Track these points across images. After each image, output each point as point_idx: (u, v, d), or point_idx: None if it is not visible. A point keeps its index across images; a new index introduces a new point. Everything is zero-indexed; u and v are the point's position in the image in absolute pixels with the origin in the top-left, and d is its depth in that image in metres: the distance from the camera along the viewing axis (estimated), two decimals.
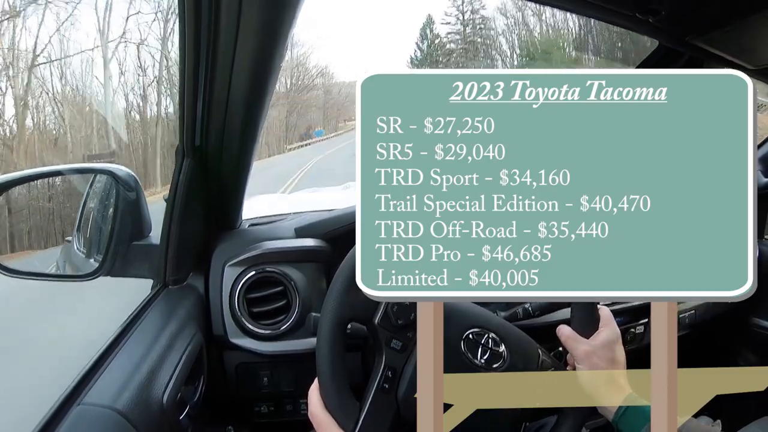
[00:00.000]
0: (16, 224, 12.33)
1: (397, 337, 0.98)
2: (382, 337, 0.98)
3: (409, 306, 0.98)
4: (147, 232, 1.29)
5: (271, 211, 1.70)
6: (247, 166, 1.23)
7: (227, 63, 0.93)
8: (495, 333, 1.02)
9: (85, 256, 1.38)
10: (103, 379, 0.90)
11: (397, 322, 0.98)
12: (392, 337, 0.98)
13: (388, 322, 0.98)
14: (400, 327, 0.98)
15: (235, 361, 1.31)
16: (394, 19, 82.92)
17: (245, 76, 0.97)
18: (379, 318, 0.98)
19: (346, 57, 79.75)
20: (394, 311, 0.98)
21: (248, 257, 1.30)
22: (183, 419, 1.00)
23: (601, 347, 0.96)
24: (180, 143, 1.11)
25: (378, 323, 0.98)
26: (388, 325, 0.98)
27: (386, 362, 0.97)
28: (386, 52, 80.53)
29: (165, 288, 1.24)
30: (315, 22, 49.60)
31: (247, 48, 0.91)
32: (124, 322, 1.08)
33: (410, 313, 0.98)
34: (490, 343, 1.01)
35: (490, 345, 1.01)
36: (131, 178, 1.25)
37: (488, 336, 1.02)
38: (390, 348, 0.98)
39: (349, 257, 0.97)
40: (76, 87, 23.96)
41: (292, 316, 1.28)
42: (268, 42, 0.91)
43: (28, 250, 11.60)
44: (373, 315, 0.98)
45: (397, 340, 0.98)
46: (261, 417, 1.37)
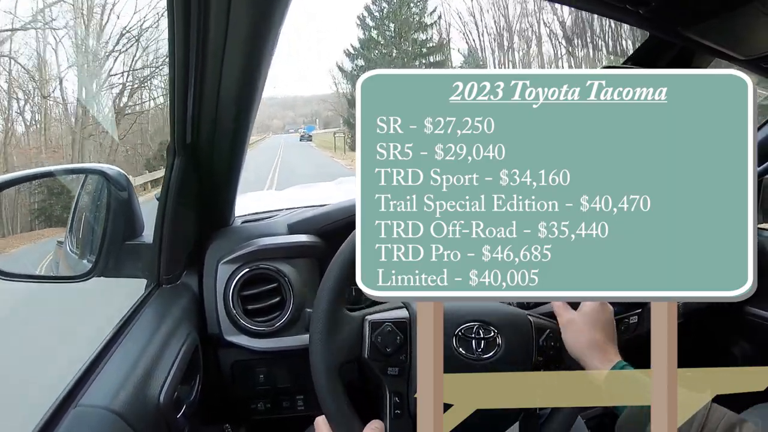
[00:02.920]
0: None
1: (392, 364, 0.99)
2: (377, 369, 0.99)
3: (392, 331, 1.00)
4: (140, 232, 1.28)
5: (263, 208, 1.70)
6: (239, 162, 1.23)
7: (217, 59, 0.93)
8: (484, 321, 1.04)
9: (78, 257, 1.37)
10: (99, 380, 0.89)
11: (386, 350, 0.99)
12: (387, 365, 0.99)
13: (377, 352, 1.00)
14: (390, 354, 0.99)
15: (231, 358, 1.31)
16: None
17: (235, 73, 0.97)
18: (368, 352, 0.99)
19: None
20: (379, 341, 0.99)
21: (242, 254, 1.30)
22: (180, 418, 1.00)
23: (584, 315, 1.01)
24: (171, 141, 1.10)
25: (368, 357, 0.99)
26: (379, 356, 1.00)
27: (390, 390, 0.99)
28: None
29: (159, 287, 1.24)
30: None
31: (237, 44, 0.90)
32: (119, 323, 1.08)
33: (395, 336, 1.00)
34: (481, 333, 1.02)
35: (482, 335, 1.02)
36: (122, 177, 1.25)
37: (477, 327, 1.03)
38: (388, 375, 0.99)
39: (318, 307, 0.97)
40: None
41: (286, 313, 1.28)
42: (259, 37, 0.90)
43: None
44: (361, 350, 0.99)
45: (392, 366, 0.99)
46: (258, 414, 1.37)
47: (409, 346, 1.01)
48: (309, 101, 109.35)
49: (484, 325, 1.04)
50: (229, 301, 1.27)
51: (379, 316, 1.02)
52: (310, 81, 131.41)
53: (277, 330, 1.27)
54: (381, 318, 1.02)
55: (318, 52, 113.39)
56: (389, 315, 1.03)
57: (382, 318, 1.02)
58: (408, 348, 1.01)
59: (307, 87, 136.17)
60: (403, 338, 1.01)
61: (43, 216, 12.82)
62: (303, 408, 1.37)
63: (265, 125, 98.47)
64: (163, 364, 0.99)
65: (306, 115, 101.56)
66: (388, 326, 1.00)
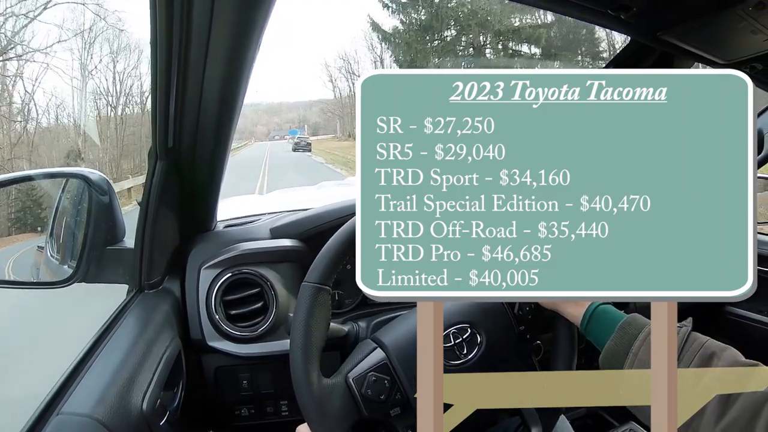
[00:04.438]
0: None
1: (392, 406, 1.00)
2: (381, 418, 1.00)
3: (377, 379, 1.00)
4: (121, 237, 1.26)
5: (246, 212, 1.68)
6: (221, 167, 1.22)
7: (199, 64, 0.92)
8: (458, 322, 1.04)
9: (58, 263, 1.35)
10: (81, 387, 0.88)
11: (380, 398, 0.99)
12: (388, 410, 1.00)
13: (373, 404, 0.99)
14: (385, 399, 0.99)
15: (214, 364, 1.29)
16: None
17: (217, 77, 0.96)
18: (365, 409, 0.99)
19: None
20: (370, 394, 0.99)
21: (224, 259, 1.28)
22: (163, 425, 0.99)
23: None
24: (153, 145, 1.09)
25: (368, 413, 0.99)
26: (376, 407, 0.99)
27: (401, 427, 1.01)
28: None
29: (141, 292, 1.22)
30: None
31: (220, 49, 0.90)
32: (101, 329, 1.06)
33: (382, 382, 1.00)
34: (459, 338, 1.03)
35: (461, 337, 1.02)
36: (104, 181, 1.23)
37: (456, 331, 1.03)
38: (393, 417, 1.01)
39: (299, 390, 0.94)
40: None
41: (269, 318, 1.27)
42: (241, 43, 0.90)
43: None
44: (358, 411, 0.98)
45: (392, 409, 1.00)
46: (242, 420, 1.36)
47: (398, 383, 1.00)
48: (294, 107, 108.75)
49: (461, 327, 1.04)
50: (211, 306, 1.25)
51: (359, 369, 1.00)
52: (295, 86, 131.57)
53: (260, 335, 1.26)
54: (362, 371, 1.00)
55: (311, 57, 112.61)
56: (368, 363, 1.02)
57: (363, 370, 1.00)
58: (399, 385, 1.00)
59: (292, 93, 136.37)
60: (391, 379, 1.00)
61: (19, 222, 12.62)
62: (287, 413, 1.36)
63: (248, 131, 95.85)
64: (145, 370, 0.97)
65: (292, 120, 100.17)
66: (372, 376, 0.99)
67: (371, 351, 1.05)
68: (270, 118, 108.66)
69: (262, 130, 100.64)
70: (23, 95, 21.04)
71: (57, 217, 1.46)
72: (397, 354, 1.02)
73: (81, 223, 1.26)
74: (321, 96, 78.66)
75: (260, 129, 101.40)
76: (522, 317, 1.08)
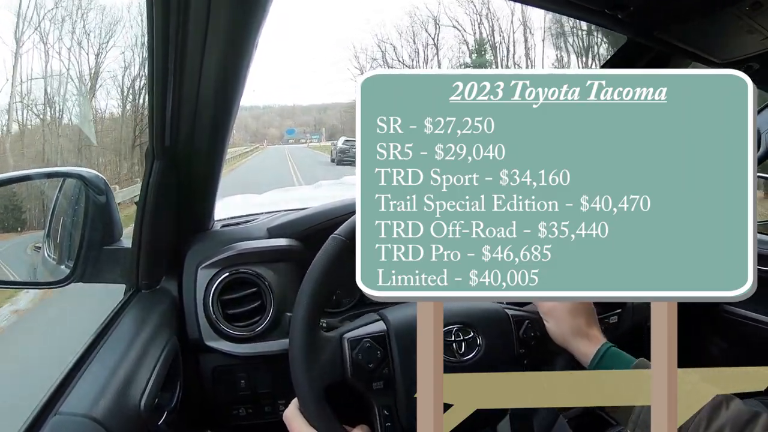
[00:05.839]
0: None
1: (375, 379, 0.99)
2: (362, 386, 0.99)
3: (371, 346, 1.00)
4: (118, 236, 1.26)
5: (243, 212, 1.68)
6: (218, 166, 1.22)
7: (196, 62, 0.92)
8: (461, 323, 1.04)
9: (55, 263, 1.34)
10: (78, 387, 0.87)
11: (369, 366, 0.99)
12: (371, 381, 0.99)
13: (360, 370, 0.99)
14: (373, 369, 0.99)
15: (212, 364, 1.29)
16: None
17: (215, 76, 0.96)
18: (350, 371, 0.98)
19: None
20: (360, 358, 0.99)
21: (221, 258, 1.28)
22: (161, 425, 0.99)
23: (564, 302, 1.01)
24: (150, 144, 1.09)
25: (352, 376, 0.98)
26: (362, 373, 0.99)
27: (378, 404, 0.98)
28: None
29: (138, 292, 1.21)
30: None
31: (217, 47, 0.90)
32: (98, 329, 1.06)
33: (375, 351, 1.00)
34: (461, 335, 1.03)
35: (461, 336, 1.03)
36: (101, 181, 1.22)
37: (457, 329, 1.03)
38: (374, 391, 0.99)
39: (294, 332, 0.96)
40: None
41: (267, 317, 1.26)
42: (238, 41, 0.90)
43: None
44: (343, 371, 0.98)
45: (376, 381, 0.99)
46: (239, 420, 1.35)
47: (390, 357, 1.01)
48: (308, 110, 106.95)
49: (463, 327, 1.04)
50: (209, 305, 1.25)
51: (357, 332, 1.02)
52: (307, 90, 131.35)
53: (258, 334, 1.26)
54: (359, 335, 1.01)
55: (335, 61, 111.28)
56: (367, 330, 1.03)
57: (360, 334, 1.01)
58: (390, 360, 1.01)
59: (305, 96, 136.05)
60: (384, 351, 1.01)
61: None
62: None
63: (260, 133, 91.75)
64: (143, 370, 0.97)
65: (307, 123, 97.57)
66: (367, 342, 1.00)
67: (373, 321, 1.06)
68: (283, 121, 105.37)
69: (275, 132, 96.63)
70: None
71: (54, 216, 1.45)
72: (396, 331, 1.03)
73: (78, 223, 1.26)
74: (336, 99, 77.32)
75: (273, 132, 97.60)
76: (525, 341, 1.08)
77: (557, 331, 1.01)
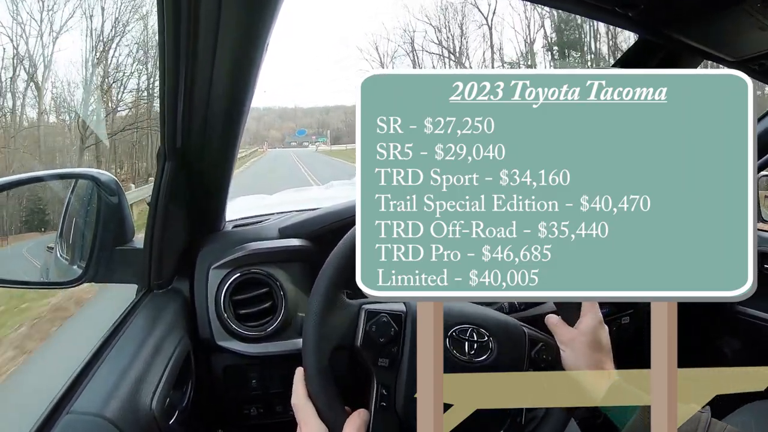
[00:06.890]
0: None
1: (383, 355, 0.99)
2: (368, 358, 0.98)
3: (387, 322, 0.99)
4: (130, 237, 1.26)
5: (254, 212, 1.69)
6: (229, 167, 1.22)
7: (207, 63, 0.92)
8: (478, 326, 1.03)
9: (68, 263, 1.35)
10: (90, 386, 0.88)
11: (380, 340, 0.98)
12: (378, 356, 0.99)
13: (370, 341, 0.99)
14: (383, 344, 0.98)
15: (223, 363, 1.30)
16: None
17: (226, 76, 0.96)
18: (361, 340, 0.98)
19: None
20: (373, 330, 0.98)
21: (233, 259, 1.29)
22: (172, 425, 0.99)
23: (584, 332, 0.99)
24: (161, 145, 1.09)
25: (361, 345, 0.98)
26: (372, 345, 0.99)
27: (378, 381, 0.98)
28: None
29: (150, 292, 1.22)
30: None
31: (228, 48, 0.90)
32: (110, 328, 1.07)
33: (389, 328, 0.99)
34: (474, 336, 1.02)
35: (475, 338, 1.02)
36: (113, 182, 1.23)
37: (472, 330, 1.03)
38: (379, 367, 0.98)
39: (317, 288, 0.97)
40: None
41: (278, 317, 1.27)
42: (249, 41, 0.90)
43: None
44: (354, 338, 0.98)
45: (383, 357, 0.99)
46: (251, 419, 1.36)
47: (402, 339, 1.01)
48: (310, 112, 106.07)
49: (478, 329, 1.03)
50: (220, 305, 1.26)
51: (377, 306, 1.01)
52: (309, 91, 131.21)
53: (269, 334, 1.26)
54: (378, 308, 1.01)
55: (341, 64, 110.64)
56: (387, 307, 1.02)
57: (379, 309, 1.01)
58: (401, 341, 1.00)
59: (306, 98, 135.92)
60: (398, 330, 1.00)
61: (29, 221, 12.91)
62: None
63: (260, 135, 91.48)
64: (154, 369, 0.98)
65: (309, 125, 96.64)
66: (384, 317, 1.00)
67: (396, 301, 1.05)
68: (284, 123, 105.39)
69: (276, 135, 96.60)
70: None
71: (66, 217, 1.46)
72: (414, 315, 1.02)
73: (90, 224, 1.27)
74: (339, 101, 76.19)
75: (274, 134, 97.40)
76: (536, 362, 1.05)
77: (573, 362, 1.00)
